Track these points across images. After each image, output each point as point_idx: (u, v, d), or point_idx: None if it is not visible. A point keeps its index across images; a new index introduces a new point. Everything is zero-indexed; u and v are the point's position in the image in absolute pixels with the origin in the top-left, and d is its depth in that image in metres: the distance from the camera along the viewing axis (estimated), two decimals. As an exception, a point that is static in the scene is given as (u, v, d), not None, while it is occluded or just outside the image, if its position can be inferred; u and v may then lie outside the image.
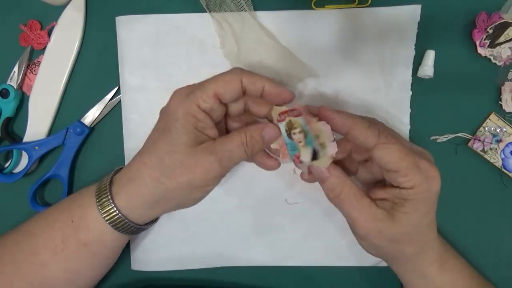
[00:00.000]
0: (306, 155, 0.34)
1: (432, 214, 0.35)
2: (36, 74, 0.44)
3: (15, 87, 0.44)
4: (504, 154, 0.42)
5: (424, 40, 0.42)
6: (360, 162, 0.39)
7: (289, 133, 0.34)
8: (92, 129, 0.45)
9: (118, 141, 0.44)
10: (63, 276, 0.37)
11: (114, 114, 0.44)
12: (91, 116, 0.44)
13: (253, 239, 0.44)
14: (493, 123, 0.42)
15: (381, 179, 0.37)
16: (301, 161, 0.34)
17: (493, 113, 0.42)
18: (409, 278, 0.38)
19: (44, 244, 0.36)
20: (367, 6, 0.41)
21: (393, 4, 0.41)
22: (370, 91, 0.42)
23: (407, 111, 0.42)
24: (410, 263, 0.36)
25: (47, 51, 0.44)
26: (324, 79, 0.42)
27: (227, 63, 0.42)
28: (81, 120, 0.44)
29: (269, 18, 0.42)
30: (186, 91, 0.35)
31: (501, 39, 0.41)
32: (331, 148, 0.33)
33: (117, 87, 0.44)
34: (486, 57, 0.42)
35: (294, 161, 0.35)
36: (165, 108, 0.35)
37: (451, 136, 0.43)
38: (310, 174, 0.35)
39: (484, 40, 0.41)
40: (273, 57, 0.42)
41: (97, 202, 0.35)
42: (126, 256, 0.45)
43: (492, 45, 0.41)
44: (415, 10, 0.41)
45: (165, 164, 0.33)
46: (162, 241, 0.44)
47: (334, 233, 0.44)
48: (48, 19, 0.44)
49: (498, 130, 0.42)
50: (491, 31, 0.41)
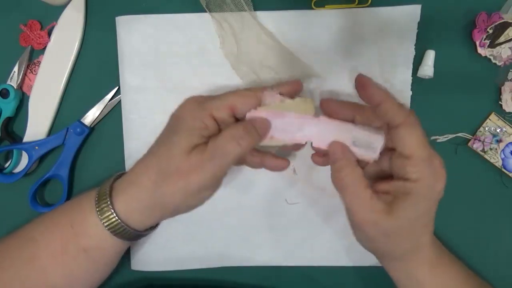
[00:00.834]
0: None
1: (430, 215, 0.34)
2: (36, 74, 0.44)
3: (15, 87, 0.44)
4: (504, 154, 0.42)
5: (424, 40, 0.42)
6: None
7: None
8: (92, 129, 0.45)
9: (118, 141, 0.44)
10: (62, 281, 0.37)
11: (114, 114, 0.44)
12: (91, 116, 0.44)
13: (253, 239, 0.44)
14: (493, 123, 0.42)
15: (388, 173, 0.36)
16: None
17: (493, 113, 0.42)
18: (398, 277, 0.37)
19: (44, 249, 0.36)
20: (367, 6, 0.41)
21: (393, 4, 0.41)
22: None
23: (407, 111, 0.42)
24: (400, 261, 0.36)
25: (47, 51, 0.44)
26: (324, 79, 0.42)
27: (227, 63, 0.42)
28: (81, 120, 0.44)
29: (269, 18, 0.42)
30: (199, 99, 0.35)
31: (501, 39, 0.41)
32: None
33: (117, 87, 0.44)
34: (486, 57, 0.42)
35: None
36: (174, 113, 0.36)
37: (451, 136, 0.43)
38: (325, 156, 0.36)
39: (484, 40, 0.41)
40: (273, 57, 0.42)
41: (97, 207, 0.35)
42: (126, 256, 0.45)
43: (492, 45, 0.41)
44: (415, 10, 0.41)
45: (163, 168, 0.34)
46: (162, 241, 0.44)
47: (334, 233, 0.44)
48: (48, 19, 0.44)
49: (498, 130, 0.42)
50: (491, 31, 0.41)
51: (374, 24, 0.42)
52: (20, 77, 0.44)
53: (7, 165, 0.44)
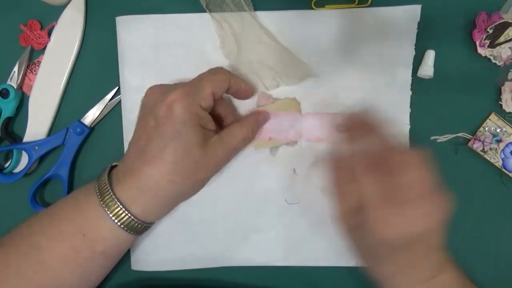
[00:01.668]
0: None
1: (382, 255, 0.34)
2: (36, 74, 0.44)
3: (15, 87, 0.44)
4: (504, 154, 0.42)
5: (424, 40, 0.42)
6: None
7: None
8: (92, 129, 0.45)
9: (118, 141, 0.44)
10: (76, 280, 0.37)
11: (114, 114, 0.44)
12: (91, 116, 0.44)
13: (253, 239, 0.44)
14: (493, 123, 0.42)
15: None
16: None
17: (493, 113, 0.42)
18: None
19: (52, 256, 0.36)
20: (367, 6, 0.41)
21: (393, 4, 0.41)
22: (370, 91, 0.42)
23: (407, 111, 0.42)
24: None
25: (47, 51, 0.44)
26: (324, 79, 0.42)
27: (227, 63, 0.42)
28: (81, 120, 0.44)
29: (269, 18, 0.42)
30: (163, 89, 0.36)
31: (501, 39, 0.41)
32: None
33: (117, 87, 0.44)
34: (486, 57, 0.42)
35: None
36: (165, 113, 0.35)
37: (451, 136, 0.43)
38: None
39: (484, 40, 0.41)
40: (273, 57, 0.42)
41: (110, 212, 0.35)
42: (126, 256, 0.45)
43: (492, 45, 0.41)
44: (415, 10, 0.41)
45: (180, 167, 0.35)
46: (162, 241, 0.44)
47: (334, 233, 0.44)
48: (48, 19, 0.44)
49: (498, 130, 0.42)
50: (491, 31, 0.41)
51: (374, 24, 0.42)
52: (20, 77, 0.44)
53: (7, 165, 0.44)
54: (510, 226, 0.43)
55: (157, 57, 0.43)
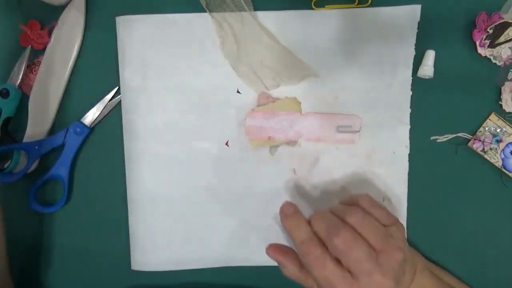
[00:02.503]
0: None
1: None
2: (36, 74, 0.44)
3: (15, 87, 0.44)
4: (504, 154, 0.42)
5: (424, 40, 0.42)
6: None
7: None
8: (92, 129, 0.45)
9: (118, 141, 0.44)
10: None
11: (114, 114, 0.44)
12: (91, 116, 0.44)
13: (253, 239, 0.44)
14: (493, 123, 0.42)
15: None
16: None
17: (493, 113, 0.42)
18: None
19: None
20: (367, 6, 0.41)
21: (393, 4, 0.41)
22: (370, 91, 0.42)
23: (407, 111, 0.42)
24: None
25: (47, 51, 0.44)
26: (324, 79, 0.42)
27: (227, 63, 0.42)
28: (81, 120, 0.44)
29: (269, 18, 0.42)
30: None
31: (501, 39, 0.41)
32: None
33: (117, 87, 0.44)
34: (486, 57, 0.42)
35: None
36: None
37: (451, 136, 0.43)
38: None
39: (484, 40, 0.41)
40: (273, 57, 0.42)
41: None
42: (126, 256, 0.45)
43: (492, 45, 0.41)
44: (415, 10, 0.41)
45: None
46: (162, 241, 0.44)
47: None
48: (48, 19, 0.44)
49: (498, 130, 0.42)
50: (491, 31, 0.41)
51: (374, 24, 0.42)
52: (20, 77, 0.44)
53: (7, 165, 0.44)
54: (510, 226, 0.43)
55: (157, 57, 0.43)
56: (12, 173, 0.45)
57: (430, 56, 0.41)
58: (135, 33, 0.43)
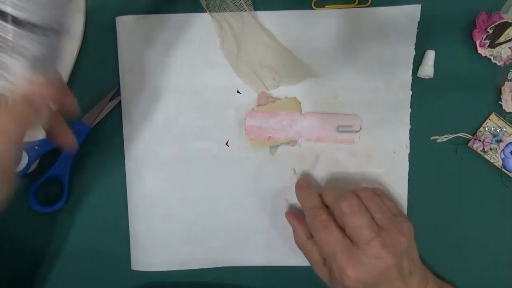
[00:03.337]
0: None
1: None
2: (36, 74, 0.44)
3: (15, 87, 0.43)
4: (504, 154, 0.42)
5: (424, 40, 0.42)
6: None
7: None
8: (92, 129, 0.45)
9: (118, 141, 0.44)
10: None
11: (114, 114, 0.44)
12: (91, 116, 0.44)
13: (253, 239, 0.44)
14: (493, 123, 0.42)
15: None
16: None
17: (493, 113, 0.42)
18: None
19: None
20: (367, 6, 0.41)
21: (393, 4, 0.41)
22: (370, 91, 0.42)
23: (407, 111, 0.42)
24: None
25: (47, 51, 0.44)
26: (324, 79, 0.42)
27: (227, 63, 0.42)
28: (81, 120, 0.44)
29: (269, 18, 0.42)
30: None
31: (501, 39, 0.41)
32: None
33: (117, 87, 0.44)
34: (486, 57, 0.42)
35: None
36: None
37: (451, 136, 0.43)
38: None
39: (484, 40, 0.41)
40: (273, 57, 0.42)
41: None
42: (126, 256, 0.45)
43: (492, 45, 0.41)
44: (415, 10, 0.41)
45: None
46: (162, 241, 0.44)
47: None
48: (48, 19, 0.44)
49: (498, 130, 0.42)
50: (491, 31, 0.41)
51: (374, 24, 0.42)
52: (20, 77, 0.44)
53: (7, 165, 0.44)
54: (510, 226, 0.43)
55: (156, 57, 0.43)
56: (12, 173, 0.45)
57: (430, 56, 0.41)
58: (134, 33, 0.43)
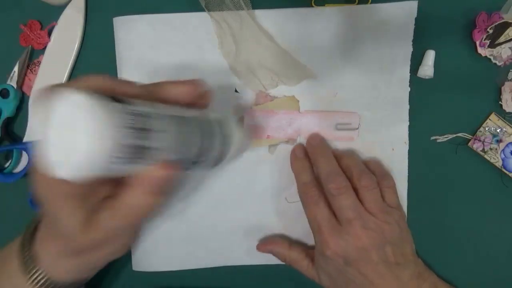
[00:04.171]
0: None
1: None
2: (36, 74, 0.44)
3: (15, 87, 0.44)
4: (504, 154, 0.42)
5: (424, 40, 0.41)
6: None
7: None
8: (92, 129, 0.44)
9: (118, 141, 0.44)
10: None
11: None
12: (91, 116, 0.44)
13: (253, 238, 0.44)
14: (493, 123, 0.42)
15: None
16: None
17: (493, 113, 0.42)
18: None
19: None
20: (368, 4, 0.41)
21: (391, 1, 0.41)
22: (368, 88, 0.42)
23: (406, 108, 0.42)
24: None
25: (47, 51, 0.44)
26: (323, 77, 0.42)
27: (225, 63, 0.42)
28: (81, 120, 0.44)
29: (268, 17, 0.42)
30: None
31: (501, 39, 0.41)
32: None
33: (117, 87, 0.44)
34: (486, 57, 0.42)
35: None
36: (39, 197, 0.29)
37: (451, 136, 0.43)
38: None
39: (484, 40, 0.41)
40: (271, 59, 0.42)
41: (29, 278, 0.32)
42: (127, 257, 0.45)
43: (492, 45, 0.41)
44: (411, 6, 0.41)
45: (68, 252, 0.32)
46: (163, 241, 0.44)
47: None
48: (48, 19, 0.44)
49: (498, 130, 0.42)
50: (491, 31, 0.41)
51: (372, 21, 0.41)
52: (20, 77, 0.44)
53: (7, 165, 0.44)
54: (510, 226, 0.43)
55: (155, 57, 0.43)
56: (12, 173, 0.45)
57: (430, 56, 0.41)
58: (132, 33, 0.43)
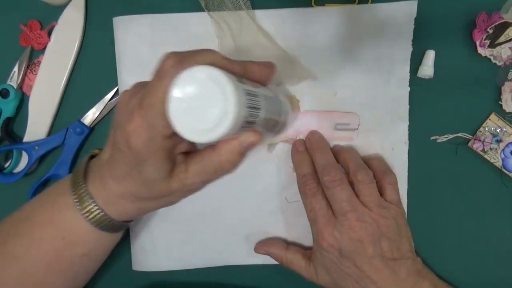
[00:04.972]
0: None
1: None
2: (36, 74, 0.44)
3: (15, 87, 0.44)
4: (504, 154, 0.42)
5: (424, 40, 0.41)
6: None
7: None
8: (92, 129, 0.45)
9: (118, 141, 0.44)
10: (60, 285, 0.36)
11: (113, 114, 0.44)
12: (91, 116, 0.44)
13: (252, 238, 0.44)
14: (493, 123, 0.42)
15: None
16: None
17: (493, 113, 0.42)
18: None
19: (32, 264, 0.34)
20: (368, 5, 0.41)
21: (391, 1, 0.41)
22: (368, 88, 0.42)
23: (406, 107, 0.42)
24: None
25: (47, 51, 0.44)
26: (323, 76, 0.42)
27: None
28: (81, 120, 0.44)
29: (268, 17, 0.42)
30: (132, 102, 0.30)
31: (501, 39, 0.41)
32: None
33: (117, 87, 0.44)
34: (486, 57, 0.42)
35: None
36: (123, 146, 0.29)
37: (451, 136, 0.43)
38: None
39: (484, 40, 0.41)
40: (270, 59, 0.41)
41: (82, 209, 0.33)
42: (126, 256, 0.45)
43: (492, 45, 0.41)
44: (411, 6, 0.41)
45: (144, 195, 0.32)
46: (163, 241, 0.44)
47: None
48: (48, 19, 0.44)
49: (498, 130, 0.42)
50: (491, 31, 0.41)
51: (372, 21, 0.41)
52: (20, 77, 0.44)
53: (7, 165, 0.44)
54: (510, 226, 0.43)
55: (154, 56, 0.42)
56: (12, 173, 0.45)
57: (430, 56, 0.41)
58: (132, 33, 0.43)
